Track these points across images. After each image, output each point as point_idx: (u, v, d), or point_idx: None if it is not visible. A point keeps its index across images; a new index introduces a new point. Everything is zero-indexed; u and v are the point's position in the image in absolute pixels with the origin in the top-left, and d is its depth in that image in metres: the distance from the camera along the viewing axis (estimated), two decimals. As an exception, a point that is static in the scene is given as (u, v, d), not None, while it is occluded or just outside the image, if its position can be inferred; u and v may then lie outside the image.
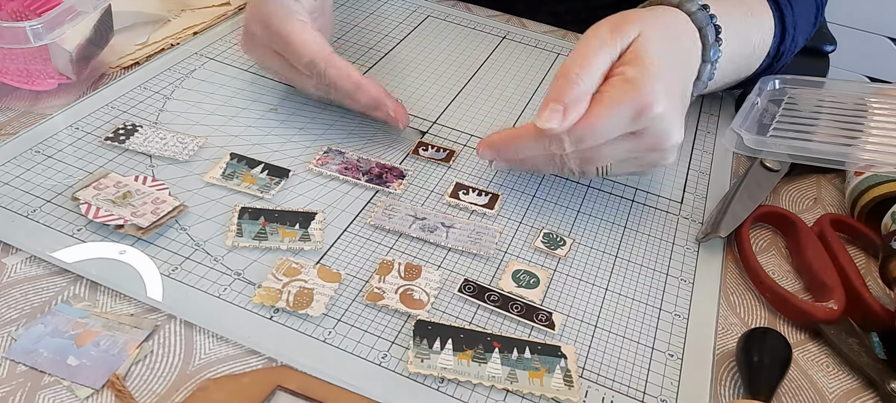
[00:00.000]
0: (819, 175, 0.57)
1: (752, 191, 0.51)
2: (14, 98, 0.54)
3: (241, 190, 0.47)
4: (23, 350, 0.36)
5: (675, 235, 0.49)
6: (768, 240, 0.50)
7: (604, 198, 0.51)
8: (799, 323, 0.44)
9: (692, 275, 0.46)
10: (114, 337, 0.37)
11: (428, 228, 0.46)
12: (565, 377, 0.37)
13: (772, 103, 0.57)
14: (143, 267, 0.41)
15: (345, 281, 0.41)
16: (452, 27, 0.71)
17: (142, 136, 0.50)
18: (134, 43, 0.62)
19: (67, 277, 0.40)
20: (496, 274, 0.44)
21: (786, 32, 0.59)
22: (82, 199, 0.43)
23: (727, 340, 0.42)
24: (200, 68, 0.60)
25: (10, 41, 0.51)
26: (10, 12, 0.60)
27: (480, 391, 0.36)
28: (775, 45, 0.59)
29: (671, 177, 0.54)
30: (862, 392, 0.40)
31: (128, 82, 0.57)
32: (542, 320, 0.41)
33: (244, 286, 0.40)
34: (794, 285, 0.47)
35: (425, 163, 0.52)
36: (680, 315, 0.43)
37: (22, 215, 0.43)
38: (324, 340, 0.38)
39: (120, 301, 0.39)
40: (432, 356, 0.37)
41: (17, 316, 0.38)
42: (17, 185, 0.45)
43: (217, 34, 0.65)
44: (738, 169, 0.57)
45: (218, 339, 0.38)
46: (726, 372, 0.40)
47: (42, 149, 0.48)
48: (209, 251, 0.42)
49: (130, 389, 0.35)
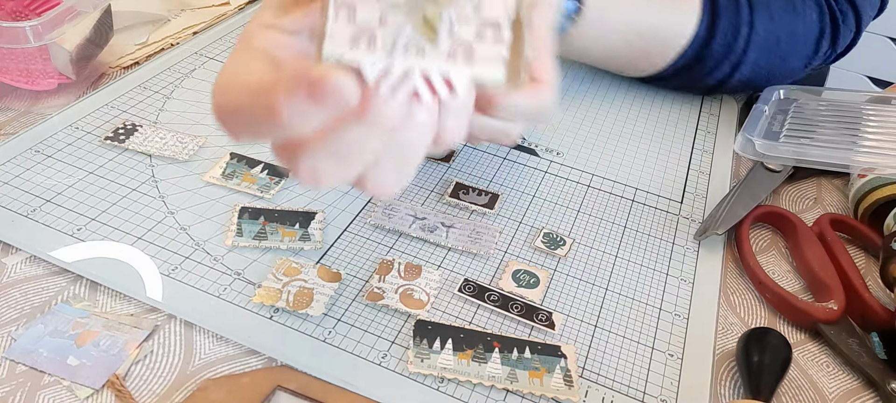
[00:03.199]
0: (820, 176, 0.57)
1: (752, 191, 0.51)
2: (14, 98, 0.54)
3: (241, 189, 0.47)
4: (23, 350, 0.36)
5: (675, 235, 0.49)
6: (768, 240, 0.50)
7: (604, 197, 0.51)
8: (799, 323, 0.44)
9: (692, 275, 0.46)
10: (114, 337, 0.37)
11: (428, 228, 0.46)
12: (565, 377, 0.37)
13: (780, 112, 0.57)
14: (143, 266, 0.41)
15: (345, 281, 0.41)
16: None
17: (142, 136, 0.50)
18: (134, 43, 0.62)
19: (67, 277, 0.40)
20: (496, 273, 0.44)
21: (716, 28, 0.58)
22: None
23: (727, 340, 0.42)
24: (200, 68, 0.60)
25: (9, 41, 0.51)
26: (10, 12, 0.60)
27: (480, 391, 0.36)
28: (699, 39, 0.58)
29: (671, 177, 0.54)
30: (862, 392, 0.40)
31: (127, 82, 0.57)
32: (542, 320, 0.41)
33: (244, 286, 0.40)
34: (794, 285, 0.47)
35: (425, 163, 0.52)
36: (680, 315, 0.43)
37: (22, 215, 0.43)
38: (324, 340, 0.38)
39: (120, 301, 0.39)
40: (432, 356, 0.37)
41: (17, 316, 0.38)
42: (17, 185, 0.45)
43: (217, 34, 0.65)
44: (738, 169, 0.57)
45: (218, 339, 0.38)
46: (726, 372, 0.40)
47: (42, 149, 0.48)
48: (209, 251, 0.42)
49: (130, 389, 0.35)
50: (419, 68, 0.22)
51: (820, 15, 0.60)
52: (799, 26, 0.60)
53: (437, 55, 0.23)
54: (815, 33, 0.61)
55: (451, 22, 0.23)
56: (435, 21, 0.23)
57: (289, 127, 0.25)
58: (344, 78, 0.23)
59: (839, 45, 0.62)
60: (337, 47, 0.22)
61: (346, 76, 0.23)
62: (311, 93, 0.23)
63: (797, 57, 0.61)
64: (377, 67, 0.22)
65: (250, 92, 0.27)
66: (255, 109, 0.26)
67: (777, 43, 0.60)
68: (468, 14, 0.23)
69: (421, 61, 0.22)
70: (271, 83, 0.25)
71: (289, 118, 0.24)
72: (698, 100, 0.65)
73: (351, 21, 0.23)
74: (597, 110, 0.62)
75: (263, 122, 0.26)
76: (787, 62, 0.61)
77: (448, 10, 0.23)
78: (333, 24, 0.23)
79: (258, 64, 0.29)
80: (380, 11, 0.23)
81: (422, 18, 0.23)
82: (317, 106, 0.24)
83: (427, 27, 0.23)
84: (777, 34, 0.59)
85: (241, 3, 0.71)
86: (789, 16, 0.59)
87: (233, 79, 0.29)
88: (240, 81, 0.28)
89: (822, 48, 0.61)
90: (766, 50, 0.60)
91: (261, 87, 0.26)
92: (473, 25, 0.23)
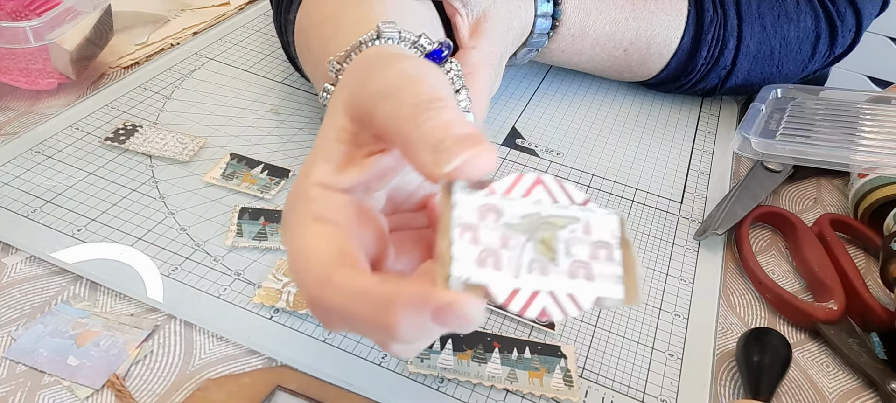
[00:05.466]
0: (819, 175, 0.57)
1: (752, 191, 0.51)
2: (14, 98, 0.54)
3: (241, 190, 0.47)
4: (23, 350, 0.36)
5: (675, 235, 0.49)
6: (768, 240, 0.50)
7: (604, 197, 0.51)
8: (799, 323, 0.44)
9: (692, 275, 0.46)
10: (114, 337, 0.37)
11: (428, 228, 0.46)
12: (565, 377, 0.37)
13: (777, 111, 0.57)
14: (143, 267, 0.41)
15: (345, 281, 0.41)
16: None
17: (142, 137, 0.50)
18: (134, 43, 0.62)
19: (67, 277, 0.40)
20: (496, 274, 0.44)
21: (701, 43, 0.58)
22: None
23: (727, 340, 0.42)
24: (200, 68, 0.60)
25: (9, 41, 0.51)
26: (10, 12, 0.60)
27: (480, 391, 0.36)
28: (683, 52, 0.59)
29: (671, 177, 0.54)
30: (862, 392, 0.40)
31: (128, 82, 0.57)
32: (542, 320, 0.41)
33: (244, 286, 0.40)
34: (794, 285, 0.47)
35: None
36: (680, 315, 0.43)
37: (22, 215, 0.43)
38: (324, 340, 0.38)
39: (120, 301, 0.39)
40: (432, 356, 0.37)
41: (17, 316, 0.38)
42: (17, 185, 0.45)
43: (217, 34, 0.65)
44: (738, 169, 0.57)
45: (218, 339, 0.38)
46: (726, 372, 0.40)
47: (42, 150, 0.48)
48: (209, 251, 0.42)
49: (130, 389, 0.35)
50: (546, 288, 0.23)
51: (815, 20, 0.59)
52: (793, 33, 0.59)
53: (559, 274, 0.24)
54: (811, 38, 0.60)
55: (567, 243, 0.24)
56: (552, 242, 0.24)
57: (401, 339, 0.24)
58: (476, 303, 0.23)
59: (838, 46, 0.61)
60: (465, 270, 0.23)
61: (478, 301, 0.23)
62: (440, 316, 0.23)
63: (793, 63, 0.61)
64: (508, 288, 0.23)
65: (358, 297, 0.25)
66: (368, 318, 0.25)
67: (770, 53, 0.59)
68: (580, 236, 0.24)
69: (546, 280, 0.23)
70: (386, 296, 0.24)
71: (404, 333, 0.24)
72: (698, 100, 0.65)
73: (474, 243, 0.24)
74: (597, 110, 0.62)
75: (374, 331, 0.25)
76: (783, 69, 0.61)
77: (562, 231, 0.24)
78: (459, 245, 0.23)
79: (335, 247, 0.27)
80: (501, 234, 0.24)
81: (540, 240, 0.24)
82: (440, 326, 0.24)
83: (546, 247, 0.24)
84: (770, 44, 0.59)
85: (242, 3, 0.71)
86: (783, 24, 0.59)
87: (323, 270, 0.26)
88: (337, 280, 0.26)
89: (820, 52, 0.61)
90: (758, 60, 0.60)
91: (373, 298, 0.25)
92: (587, 246, 0.24)
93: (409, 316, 0.23)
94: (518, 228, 0.24)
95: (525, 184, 0.25)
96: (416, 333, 0.24)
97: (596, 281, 0.24)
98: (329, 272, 0.26)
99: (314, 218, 0.27)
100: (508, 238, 0.24)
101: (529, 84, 0.64)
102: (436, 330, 0.24)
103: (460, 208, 0.24)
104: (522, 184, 0.25)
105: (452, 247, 0.23)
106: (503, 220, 0.24)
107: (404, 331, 0.24)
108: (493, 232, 0.24)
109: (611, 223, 0.25)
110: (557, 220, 0.25)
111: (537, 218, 0.24)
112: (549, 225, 0.24)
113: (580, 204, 0.25)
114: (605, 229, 0.25)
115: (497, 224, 0.24)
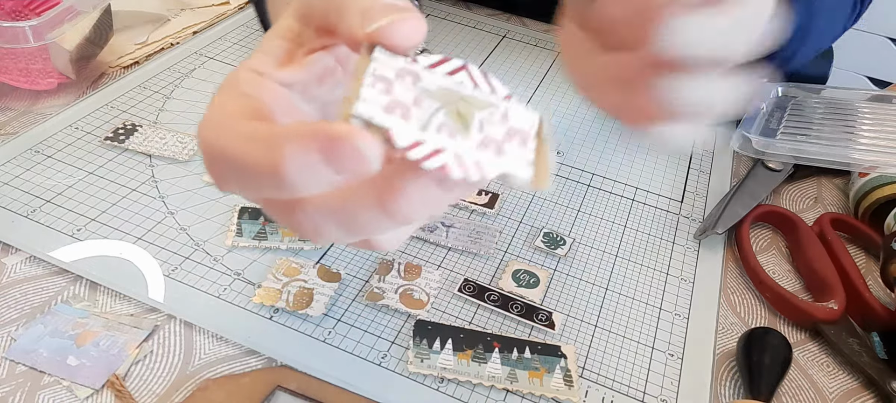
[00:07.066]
0: (820, 175, 0.57)
1: (753, 190, 0.51)
2: (14, 98, 0.54)
3: (241, 189, 0.47)
4: (23, 350, 0.36)
5: (675, 234, 0.49)
6: (768, 240, 0.50)
7: (604, 197, 0.51)
8: (799, 323, 0.44)
9: (692, 275, 0.46)
10: (114, 337, 0.37)
11: (428, 227, 0.46)
12: (565, 377, 0.37)
13: (777, 109, 0.57)
14: (143, 266, 0.41)
15: (344, 281, 0.41)
16: (452, 26, 0.71)
17: (141, 136, 0.50)
18: (134, 42, 0.62)
19: (67, 277, 0.40)
20: (496, 273, 0.44)
21: None
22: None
23: (727, 340, 0.42)
24: (200, 68, 0.60)
25: (9, 40, 0.51)
26: (9, 11, 0.60)
27: (480, 391, 0.36)
28: None
29: (671, 177, 0.54)
30: (862, 392, 0.40)
31: (127, 82, 0.57)
32: (542, 320, 0.40)
33: (244, 286, 0.40)
34: (794, 285, 0.47)
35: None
36: (680, 314, 0.43)
37: (22, 215, 0.43)
38: (324, 340, 0.38)
39: (120, 301, 0.39)
40: (432, 356, 0.37)
41: (17, 316, 0.38)
42: (17, 185, 0.45)
43: (217, 34, 0.65)
44: (738, 168, 0.57)
45: (218, 339, 0.38)
46: (726, 372, 0.40)
47: (42, 149, 0.48)
48: (209, 251, 0.42)
49: (130, 389, 0.35)
50: (452, 148, 0.23)
51: None
52: None
53: (468, 142, 0.23)
54: None
55: (482, 121, 0.24)
56: (467, 116, 0.23)
57: (290, 186, 0.22)
58: (371, 139, 0.21)
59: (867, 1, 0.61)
60: (369, 109, 0.22)
61: (375, 141, 0.21)
62: (328, 151, 0.21)
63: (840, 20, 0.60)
64: (410, 137, 0.22)
65: (247, 137, 0.23)
66: (252, 159, 0.22)
67: None
68: (497, 119, 0.24)
69: (454, 142, 0.23)
70: (274, 133, 0.22)
71: (293, 175, 0.21)
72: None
73: (386, 93, 0.23)
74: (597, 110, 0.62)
75: (260, 176, 0.22)
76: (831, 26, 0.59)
77: (479, 112, 0.24)
78: (368, 89, 0.22)
79: (249, 109, 0.25)
80: (415, 94, 0.23)
81: (455, 111, 0.23)
82: (331, 167, 0.21)
83: (459, 118, 0.23)
84: None
85: (242, 2, 0.71)
86: None
87: (224, 119, 0.24)
88: (232, 124, 0.24)
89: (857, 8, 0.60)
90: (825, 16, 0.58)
91: (261, 135, 0.22)
92: (502, 128, 0.24)
93: (298, 153, 0.21)
94: (434, 95, 0.23)
95: (451, 66, 0.24)
96: (304, 176, 0.21)
97: (505, 157, 0.23)
98: (219, 119, 0.25)
99: (239, 94, 0.26)
100: (422, 100, 0.23)
101: (530, 83, 0.64)
102: (327, 173, 0.21)
103: (378, 63, 0.23)
104: (448, 65, 0.24)
105: (361, 89, 0.22)
106: (421, 85, 0.23)
107: (293, 173, 0.21)
108: (407, 91, 0.23)
109: (530, 117, 0.24)
110: (476, 101, 0.24)
111: (455, 94, 0.23)
112: (466, 103, 0.23)
113: (503, 97, 0.24)
114: (523, 121, 0.24)
115: (414, 86, 0.23)
